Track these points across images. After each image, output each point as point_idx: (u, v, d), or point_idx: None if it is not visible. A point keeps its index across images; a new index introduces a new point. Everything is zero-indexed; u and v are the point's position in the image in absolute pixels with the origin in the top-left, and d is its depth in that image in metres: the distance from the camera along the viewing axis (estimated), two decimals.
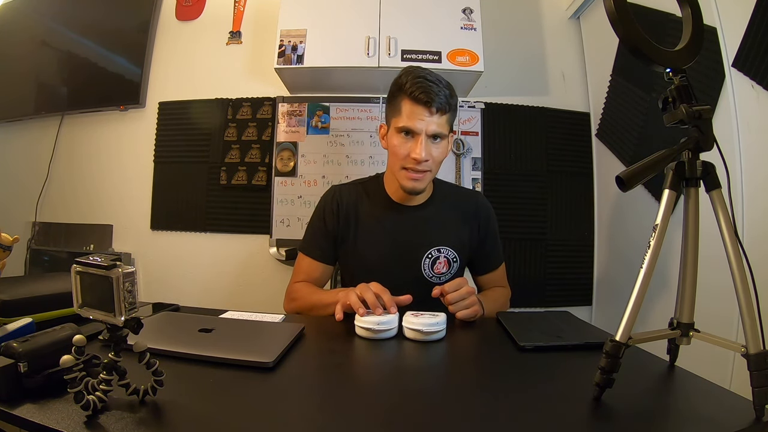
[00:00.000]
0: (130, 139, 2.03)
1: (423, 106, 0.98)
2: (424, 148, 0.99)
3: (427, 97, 0.97)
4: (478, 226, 1.15)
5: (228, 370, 0.63)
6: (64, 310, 0.78)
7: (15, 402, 0.51)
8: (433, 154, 1.01)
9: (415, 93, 0.97)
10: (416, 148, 0.99)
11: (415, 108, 0.99)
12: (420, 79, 0.98)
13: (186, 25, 2.06)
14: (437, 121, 0.99)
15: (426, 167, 1.01)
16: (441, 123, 1.00)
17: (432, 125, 0.99)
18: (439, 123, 0.99)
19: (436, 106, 0.97)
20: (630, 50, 0.64)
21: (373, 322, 0.80)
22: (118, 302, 0.48)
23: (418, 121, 0.98)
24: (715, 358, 0.84)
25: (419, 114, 0.98)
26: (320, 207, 1.17)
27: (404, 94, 1.00)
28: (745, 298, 0.55)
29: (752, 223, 1.05)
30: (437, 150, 1.02)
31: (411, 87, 0.98)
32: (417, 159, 0.99)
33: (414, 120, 0.99)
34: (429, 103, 0.97)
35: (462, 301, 0.92)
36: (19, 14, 2.18)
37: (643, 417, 0.55)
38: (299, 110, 1.89)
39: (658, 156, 0.58)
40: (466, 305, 0.92)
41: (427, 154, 0.99)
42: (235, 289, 1.95)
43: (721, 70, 1.13)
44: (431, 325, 0.79)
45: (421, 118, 0.98)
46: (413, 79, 0.99)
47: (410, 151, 1.00)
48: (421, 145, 0.98)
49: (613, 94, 1.78)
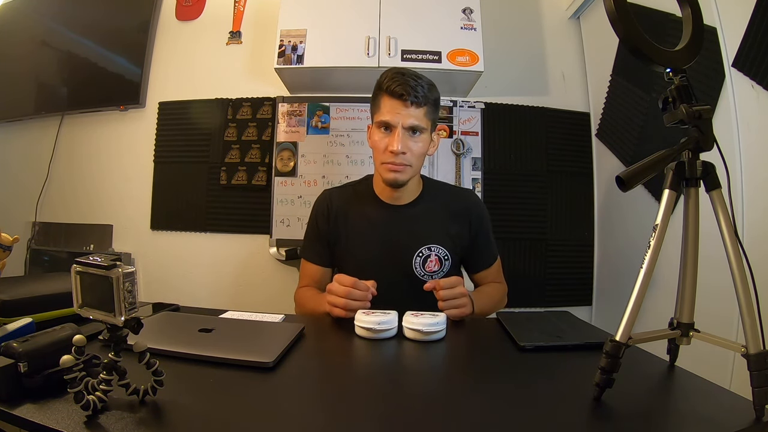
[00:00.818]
0: (130, 139, 2.03)
1: (399, 99, 1.01)
2: (401, 141, 1.02)
3: (403, 89, 1.00)
4: (470, 223, 1.16)
5: (228, 370, 0.63)
6: (64, 310, 0.78)
7: (15, 402, 0.51)
8: (412, 148, 1.04)
9: (391, 87, 1.01)
10: (393, 141, 1.02)
11: (392, 102, 1.02)
12: (397, 74, 1.02)
13: (186, 25, 2.05)
14: (414, 114, 1.02)
15: (404, 160, 1.04)
16: (418, 116, 1.03)
17: (409, 118, 1.02)
18: (416, 116, 1.02)
19: (411, 99, 1.01)
20: (630, 50, 0.64)
21: (373, 322, 0.80)
22: (118, 302, 0.48)
23: (394, 115, 1.02)
24: (715, 358, 0.84)
25: (396, 107, 1.02)
26: (313, 211, 1.21)
27: (383, 90, 1.04)
28: (745, 298, 0.55)
29: (752, 223, 1.05)
30: (416, 144, 1.04)
31: (388, 82, 1.02)
32: (394, 151, 1.02)
33: (391, 114, 1.02)
34: (404, 96, 1.00)
35: (453, 300, 0.93)
36: (19, 14, 2.18)
37: (643, 417, 0.55)
38: (299, 110, 1.89)
39: (658, 156, 0.58)
40: (456, 305, 0.93)
41: (404, 146, 1.02)
42: (235, 289, 1.95)
43: (721, 70, 1.13)
44: (431, 325, 0.79)
45: (397, 112, 1.02)
46: (391, 75, 1.03)
47: (388, 144, 1.03)
48: (397, 137, 1.02)
49: (613, 94, 1.77)
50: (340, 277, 0.92)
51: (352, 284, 0.90)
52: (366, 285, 0.91)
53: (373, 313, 0.83)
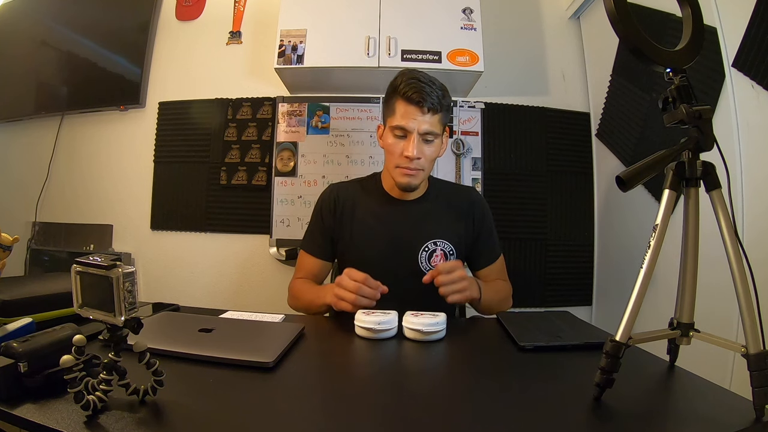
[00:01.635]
0: (130, 139, 2.03)
1: (415, 105, 1.02)
2: (416, 146, 1.03)
3: (420, 96, 1.01)
4: (473, 220, 1.17)
5: (228, 370, 0.63)
6: (64, 310, 0.78)
7: (15, 402, 0.51)
8: (426, 153, 1.05)
9: (408, 93, 1.02)
10: (409, 146, 1.03)
11: (408, 108, 1.03)
12: (413, 80, 1.03)
13: (186, 25, 2.05)
14: (429, 121, 1.03)
15: (419, 165, 1.05)
16: (433, 122, 1.04)
17: (424, 124, 1.03)
18: (431, 122, 1.03)
19: (428, 106, 1.01)
20: (630, 50, 0.64)
21: (373, 322, 0.80)
22: (118, 302, 0.48)
23: (410, 121, 1.03)
24: (715, 358, 0.84)
25: (412, 113, 1.02)
26: (318, 204, 1.21)
27: (398, 94, 1.04)
28: (745, 298, 0.55)
29: (752, 223, 1.05)
30: (430, 149, 1.06)
31: (404, 88, 1.03)
32: (409, 157, 1.03)
33: (407, 119, 1.03)
34: (421, 103, 1.01)
35: (452, 285, 0.92)
36: (19, 14, 2.18)
37: (643, 417, 0.55)
38: (299, 110, 1.89)
39: (658, 156, 0.59)
40: (456, 289, 0.93)
41: (419, 152, 1.03)
42: (235, 289, 1.94)
43: (721, 70, 1.13)
44: (431, 325, 0.79)
45: (413, 118, 1.02)
46: (407, 80, 1.03)
47: (403, 149, 1.04)
48: (413, 143, 1.03)
49: (613, 94, 1.77)
50: (351, 272, 0.92)
51: (363, 280, 0.90)
52: (377, 283, 0.91)
53: (373, 313, 0.83)
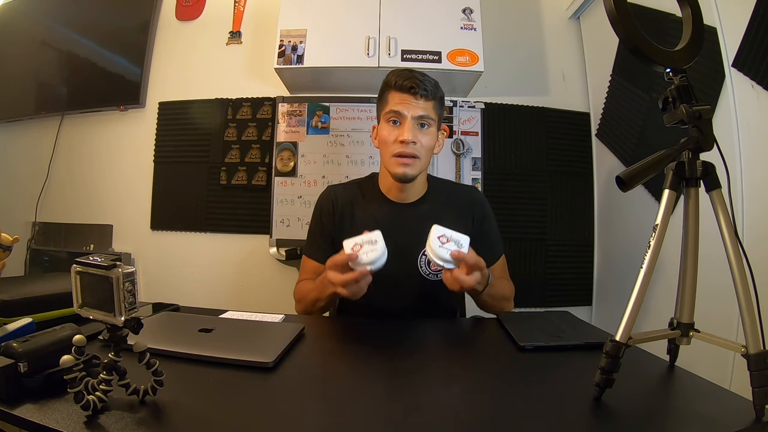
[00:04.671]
0: (130, 139, 2.03)
1: (408, 92, 1.04)
2: (411, 131, 1.03)
3: (412, 83, 1.03)
4: (473, 219, 1.16)
5: (228, 370, 0.63)
6: (64, 310, 0.78)
7: (15, 402, 0.51)
8: (421, 140, 1.05)
9: (399, 82, 1.05)
10: (403, 130, 1.04)
11: (401, 95, 1.05)
12: (404, 71, 1.07)
13: (186, 25, 2.05)
14: (423, 106, 1.05)
15: (414, 150, 1.05)
16: (427, 108, 1.05)
17: (418, 109, 1.04)
18: (425, 107, 1.05)
19: (420, 93, 1.04)
20: (630, 50, 0.64)
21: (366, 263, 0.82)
22: (118, 302, 0.48)
23: (404, 106, 1.04)
24: (715, 358, 0.84)
25: (405, 99, 1.05)
26: (317, 208, 1.20)
27: (390, 87, 1.07)
28: (745, 298, 0.55)
29: (752, 223, 1.05)
30: (425, 137, 1.06)
31: (395, 79, 1.06)
32: (405, 141, 1.03)
33: (401, 104, 1.05)
34: (414, 89, 1.03)
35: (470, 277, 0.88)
36: (19, 14, 2.18)
37: (643, 417, 0.55)
38: (299, 110, 1.89)
39: (658, 156, 0.59)
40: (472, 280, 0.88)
41: (414, 136, 1.04)
42: (235, 289, 1.94)
43: (721, 70, 1.13)
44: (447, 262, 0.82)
45: (407, 103, 1.04)
46: (398, 73, 1.07)
47: (398, 135, 1.05)
48: (407, 127, 1.04)
49: (613, 94, 1.77)
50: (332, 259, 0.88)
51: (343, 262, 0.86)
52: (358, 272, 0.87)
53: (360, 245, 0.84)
